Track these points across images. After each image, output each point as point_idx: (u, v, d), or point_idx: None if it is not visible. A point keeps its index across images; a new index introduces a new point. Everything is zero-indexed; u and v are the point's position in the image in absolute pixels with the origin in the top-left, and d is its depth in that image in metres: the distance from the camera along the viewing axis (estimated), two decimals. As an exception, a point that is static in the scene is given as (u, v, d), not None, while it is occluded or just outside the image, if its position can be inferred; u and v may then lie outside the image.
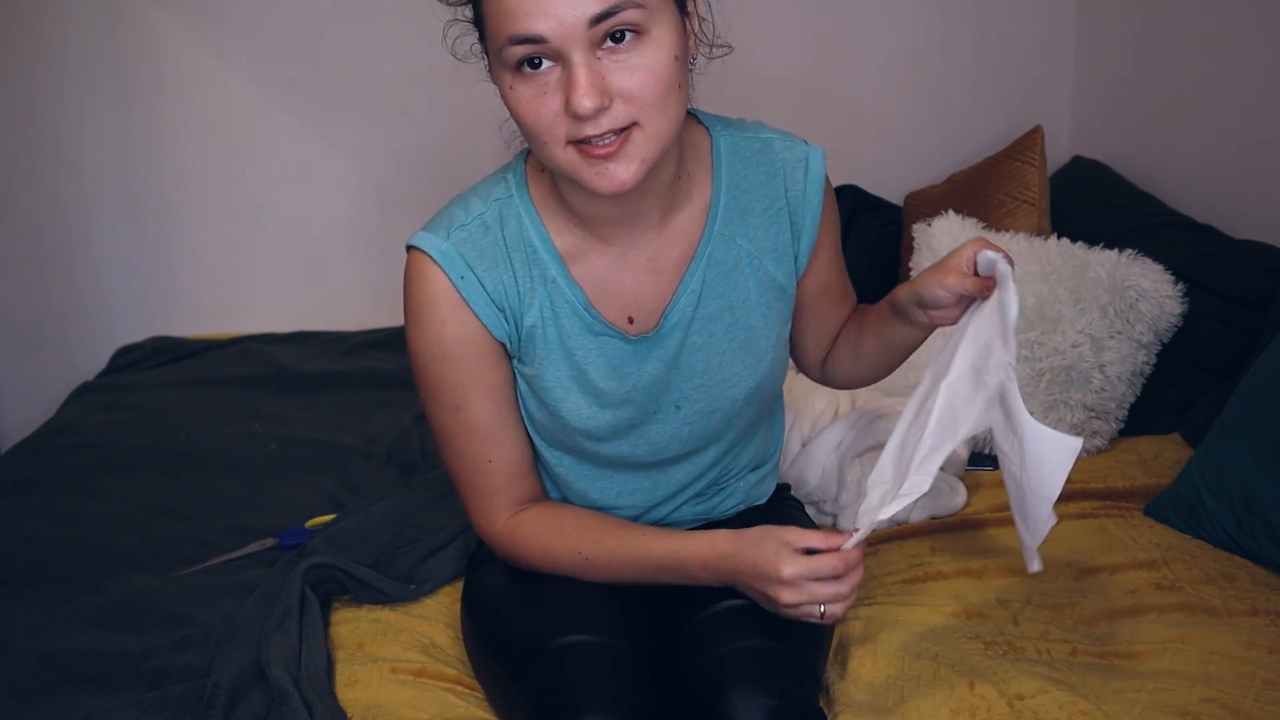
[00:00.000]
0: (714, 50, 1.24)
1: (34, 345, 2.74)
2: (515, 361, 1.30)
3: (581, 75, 1.07)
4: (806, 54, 2.74)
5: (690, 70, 1.20)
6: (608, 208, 1.24)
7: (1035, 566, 1.25)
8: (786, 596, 1.17)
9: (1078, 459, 1.92)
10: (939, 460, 1.18)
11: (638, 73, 1.09)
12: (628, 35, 1.08)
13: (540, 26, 1.06)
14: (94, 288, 2.74)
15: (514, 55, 1.09)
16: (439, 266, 1.23)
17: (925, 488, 1.18)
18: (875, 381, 1.48)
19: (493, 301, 1.25)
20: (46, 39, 2.57)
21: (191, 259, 2.76)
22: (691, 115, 1.32)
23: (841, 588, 1.17)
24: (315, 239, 2.79)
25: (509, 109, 1.14)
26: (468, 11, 1.18)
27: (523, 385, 1.31)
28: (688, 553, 1.25)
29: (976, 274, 1.24)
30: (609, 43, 1.08)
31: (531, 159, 1.29)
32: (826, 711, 1.31)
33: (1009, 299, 1.20)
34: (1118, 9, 2.61)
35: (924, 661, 1.38)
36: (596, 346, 1.28)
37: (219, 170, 2.72)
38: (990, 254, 1.22)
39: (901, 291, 1.30)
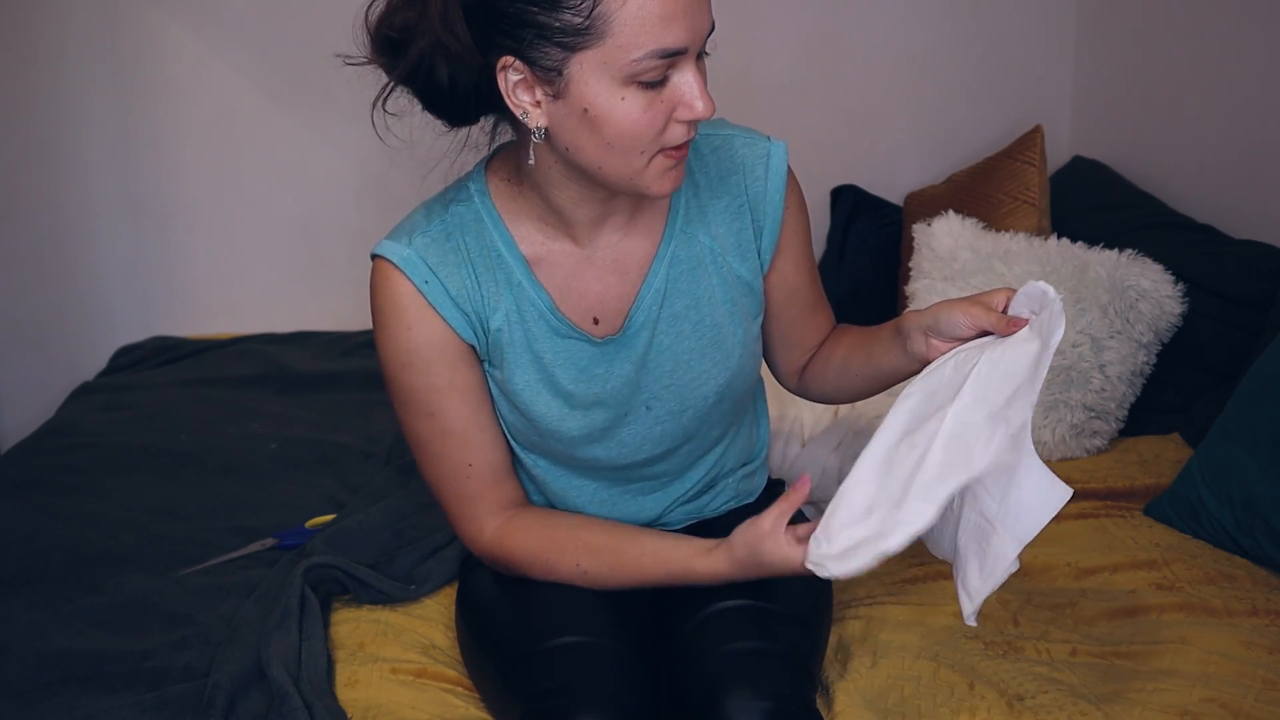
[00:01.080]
0: None
1: (34, 345, 2.74)
2: (485, 364, 1.30)
3: (699, 83, 1.13)
4: (806, 54, 2.74)
5: None
6: (591, 209, 1.25)
7: (973, 620, 1.16)
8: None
9: (1078, 459, 1.95)
10: (947, 492, 1.10)
11: (704, 77, 1.16)
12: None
13: (685, 39, 1.10)
14: (94, 288, 2.74)
15: (645, 69, 1.10)
16: (402, 273, 1.24)
17: (930, 518, 1.09)
18: (853, 401, 1.47)
19: (457, 305, 1.25)
20: (46, 39, 2.57)
21: (191, 259, 2.76)
22: None
23: None
24: (315, 239, 2.79)
25: (599, 123, 1.12)
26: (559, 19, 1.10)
27: (494, 388, 1.31)
28: (702, 567, 1.25)
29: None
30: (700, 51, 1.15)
31: (494, 166, 1.29)
32: (826, 711, 1.31)
33: (1057, 332, 1.13)
34: (1118, 9, 2.61)
35: (924, 661, 1.38)
36: (564, 349, 1.28)
37: (219, 170, 2.72)
38: (1043, 285, 1.17)
39: (911, 316, 1.27)
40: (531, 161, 1.21)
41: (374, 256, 1.27)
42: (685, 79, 1.12)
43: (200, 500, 1.90)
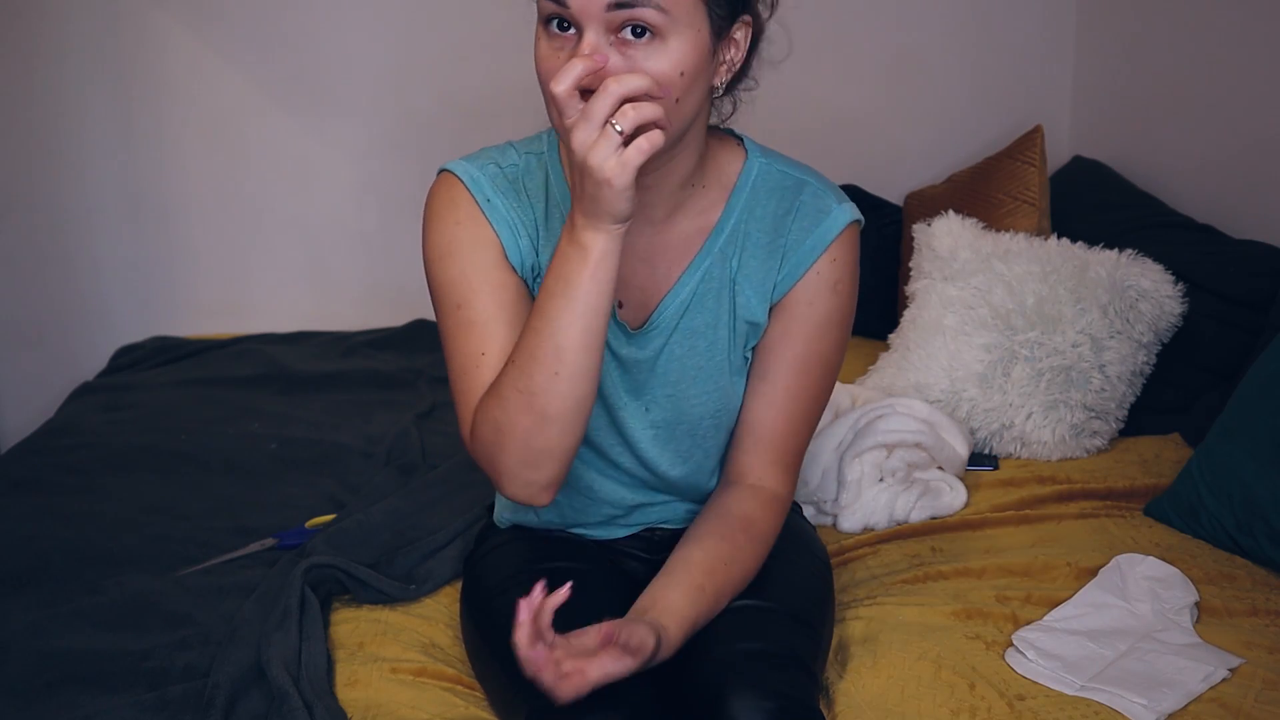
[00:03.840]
0: (741, 83, 1.27)
1: (34, 345, 2.74)
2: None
3: (584, 51, 1.09)
4: (806, 54, 2.73)
5: (716, 96, 1.22)
6: None
7: None
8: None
9: (1078, 459, 1.95)
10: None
11: (633, 68, 1.10)
12: (643, 33, 1.10)
13: None
14: (94, 288, 2.74)
15: (543, 9, 1.12)
16: (466, 187, 1.25)
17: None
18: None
19: (512, 230, 1.25)
20: (46, 39, 2.57)
21: (191, 259, 2.77)
22: (735, 140, 1.33)
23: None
24: (315, 239, 2.79)
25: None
26: None
27: None
28: None
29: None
30: (626, 33, 1.09)
31: None
32: (826, 712, 1.31)
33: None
34: (1118, 9, 2.62)
35: (924, 662, 1.38)
36: None
37: (219, 170, 2.72)
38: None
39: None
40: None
41: (441, 170, 1.27)
42: (580, 42, 1.09)
43: (200, 500, 1.90)
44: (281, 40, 2.66)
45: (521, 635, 1.08)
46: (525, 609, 1.09)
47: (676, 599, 1.22)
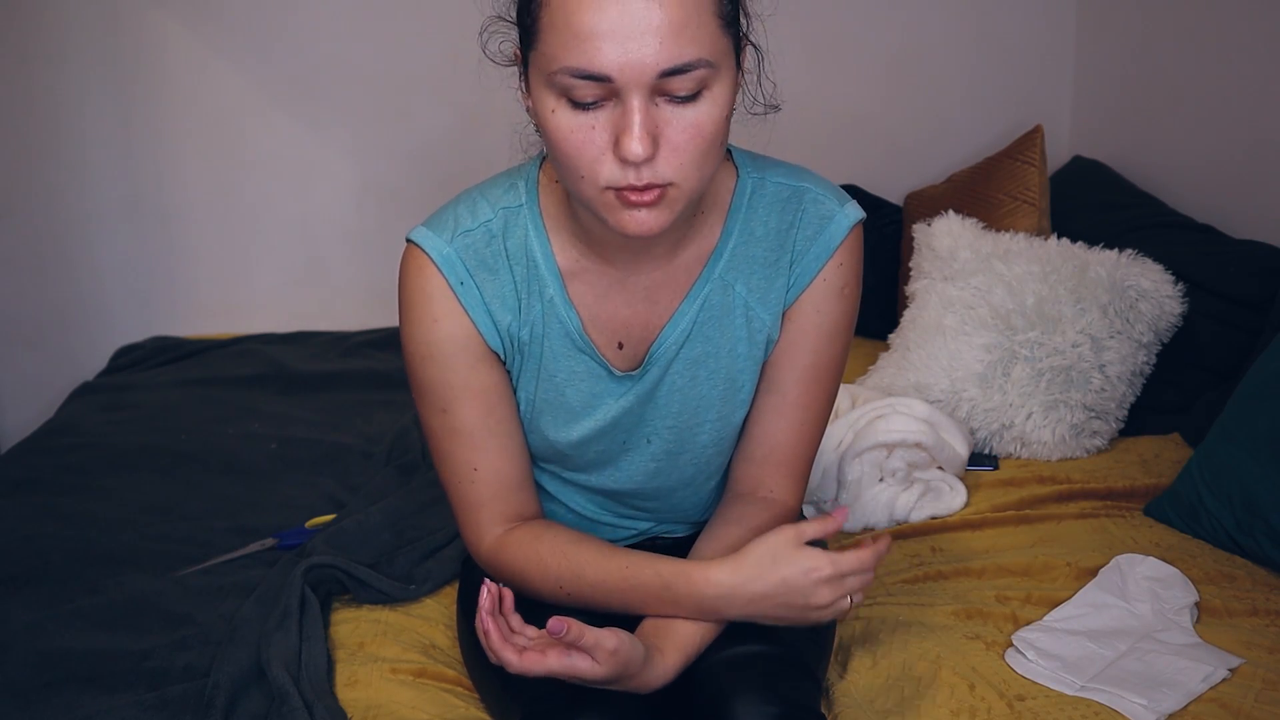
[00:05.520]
0: (765, 109, 1.21)
1: (34, 345, 2.74)
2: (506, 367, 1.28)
3: (637, 120, 1.02)
4: (806, 54, 2.74)
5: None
6: (619, 235, 1.19)
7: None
8: (825, 595, 1.16)
9: (1078, 459, 1.95)
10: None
11: (689, 127, 1.05)
12: (697, 92, 1.05)
13: (610, 67, 1.01)
14: (94, 288, 2.74)
15: (569, 86, 1.03)
16: (438, 269, 1.21)
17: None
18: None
19: (490, 311, 1.22)
20: (46, 39, 2.58)
21: (191, 259, 2.77)
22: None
23: (868, 576, 1.18)
24: (315, 239, 2.79)
25: (543, 130, 1.09)
26: (511, 11, 1.11)
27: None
28: (699, 574, 1.19)
29: None
30: (674, 94, 1.04)
31: (547, 167, 1.26)
32: (826, 712, 1.31)
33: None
34: (1118, 9, 2.62)
35: (924, 662, 1.38)
36: (584, 369, 1.26)
37: (219, 170, 2.72)
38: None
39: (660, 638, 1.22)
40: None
41: (410, 242, 1.23)
42: (623, 111, 1.03)
43: (200, 500, 1.90)
44: (281, 41, 2.66)
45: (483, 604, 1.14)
46: (486, 592, 1.14)
47: (681, 624, 1.21)
